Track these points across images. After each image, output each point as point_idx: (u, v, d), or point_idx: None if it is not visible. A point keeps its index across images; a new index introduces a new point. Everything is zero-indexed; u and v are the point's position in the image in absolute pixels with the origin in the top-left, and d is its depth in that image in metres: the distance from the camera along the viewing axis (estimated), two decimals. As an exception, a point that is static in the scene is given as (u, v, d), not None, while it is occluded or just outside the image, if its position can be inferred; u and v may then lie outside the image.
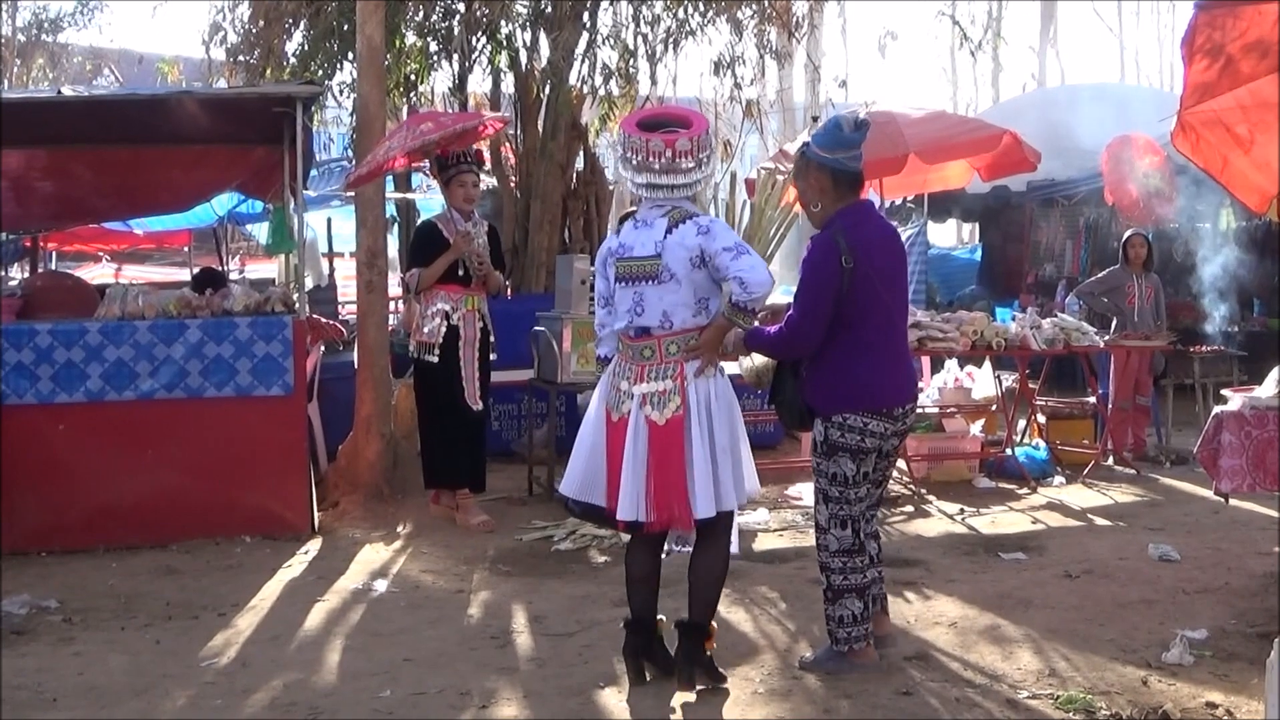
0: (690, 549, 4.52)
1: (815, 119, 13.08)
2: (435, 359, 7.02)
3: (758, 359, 4.80)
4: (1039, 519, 7.43)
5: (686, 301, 4.31)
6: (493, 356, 7.28)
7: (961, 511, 7.59)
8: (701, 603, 4.40)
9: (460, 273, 7.04)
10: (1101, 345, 9.01)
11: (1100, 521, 7.36)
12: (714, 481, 4.28)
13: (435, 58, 11.27)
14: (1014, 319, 9.25)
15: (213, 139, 8.41)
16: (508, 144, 10.64)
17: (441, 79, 11.54)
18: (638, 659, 4.45)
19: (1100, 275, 10.03)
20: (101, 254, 17.32)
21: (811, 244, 4.48)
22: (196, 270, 11.95)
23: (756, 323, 4.46)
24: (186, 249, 16.92)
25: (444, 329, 7.03)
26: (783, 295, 10.87)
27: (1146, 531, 6.96)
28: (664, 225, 4.30)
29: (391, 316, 10.26)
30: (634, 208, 4.64)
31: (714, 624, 4.45)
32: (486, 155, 7.63)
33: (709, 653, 4.41)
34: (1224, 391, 6.37)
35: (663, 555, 4.58)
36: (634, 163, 4.31)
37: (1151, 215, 10.58)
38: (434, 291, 7.08)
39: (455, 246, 7.01)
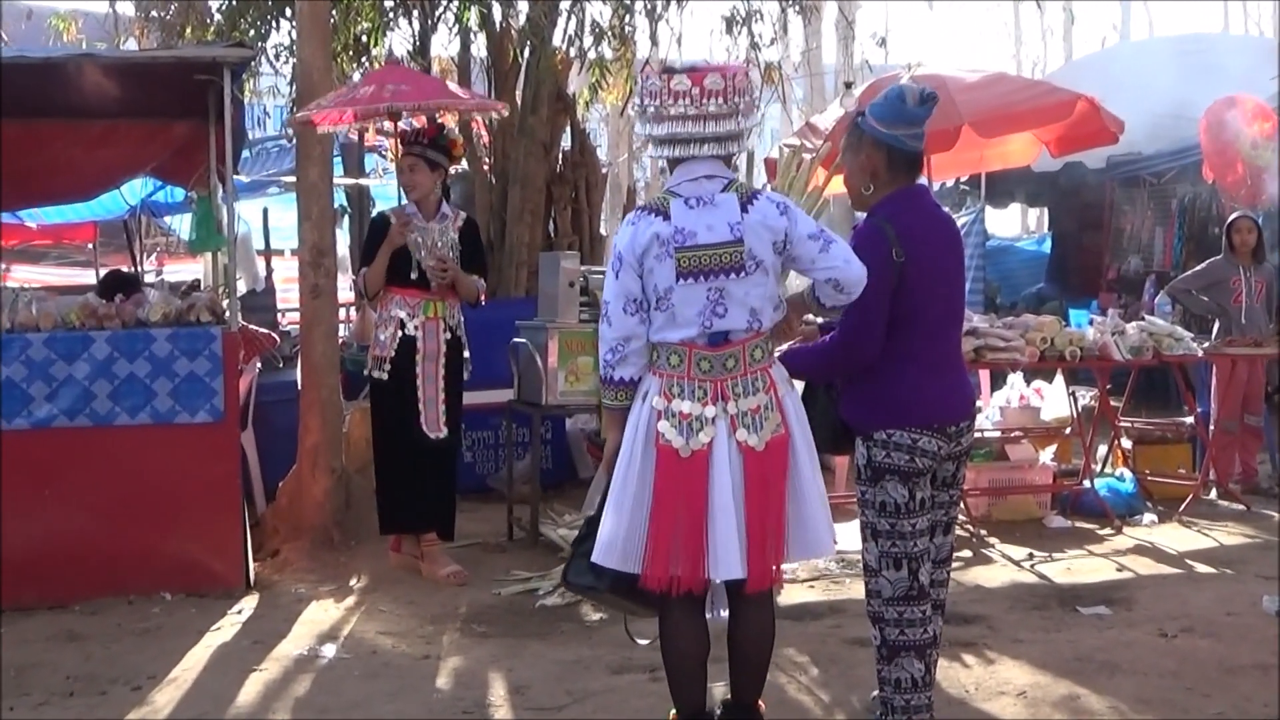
0: (725, 613, 4.39)
1: (849, 85, 13.12)
2: (384, 376, 7.03)
3: None
4: (1125, 565, 7.42)
5: (772, 295, 4.22)
6: (466, 374, 7.27)
7: (1030, 557, 7.59)
8: (753, 678, 4.37)
9: (413, 275, 7.03)
10: (1200, 354, 9.00)
11: (1201, 568, 7.36)
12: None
13: (391, 15, 11.31)
14: (1092, 323, 9.25)
15: (121, 112, 8.41)
16: (479, 119, 10.68)
17: (399, 41, 11.59)
18: None
19: (1198, 268, 10.03)
20: (-15, 252, 17.32)
21: (856, 235, 4.49)
22: (104, 272, 11.96)
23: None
24: (91, 246, 16.92)
25: (398, 340, 7.03)
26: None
27: (1259, 580, 6.95)
28: (735, 202, 4.16)
29: (342, 326, 10.28)
30: (649, 201, 4.50)
31: (762, 702, 4.43)
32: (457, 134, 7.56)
33: None
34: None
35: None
36: (651, 110, 4.15)
37: (1261, 194, 10.59)
38: (389, 296, 7.08)
39: (389, 239, 7.00)
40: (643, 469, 4.16)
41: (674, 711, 4.38)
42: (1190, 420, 9.57)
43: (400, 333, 7.03)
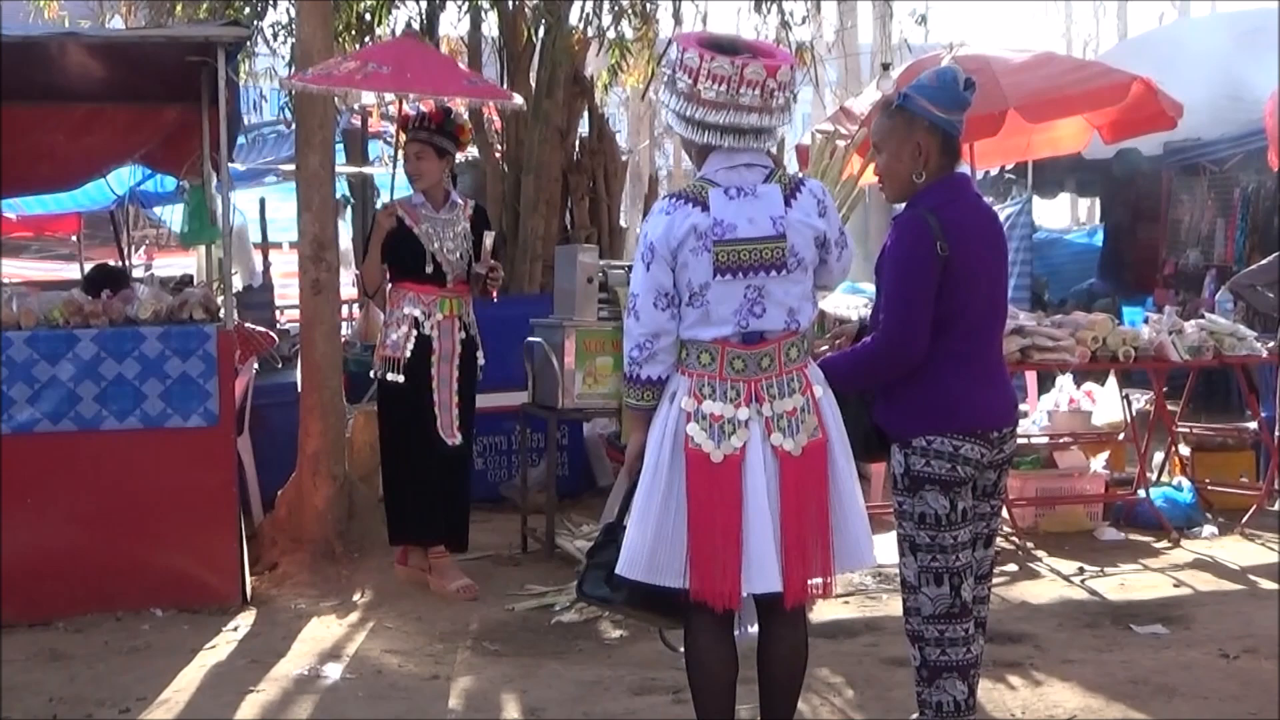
0: (754, 629, 4.39)
1: (886, 67, 13.12)
2: (401, 378, 7.04)
3: None
4: (1183, 581, 7.41)
5: (809, 293, 4.25)
6: (479, 376, 7.29)
7: (1081, 571, 7.59)
8: (784, 700, 4.36)
9: (429, 269, 7.05)
10: (1265, 354, 8.98)
11: (1265, 584, 7.34)
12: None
13: (397, -10, 11.35)
14: (1147, 321, 9.23)
15: (107, 96, 8.45)
16: (490, 104, 10.71)
17: (404, 18, 11.61)
18: None
19: (1263, 262, 9.99)
20: (-39, 245, 17.39)
21: (896, 227, 4.48)
22: (89, 267, 12.01)
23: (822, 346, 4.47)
24: (75, 238, 17.00)
25: (412, 340, 7.04)
26: (847, 294, 10.84)
27: (1327, 597, 6.94)
28: (778, 194, 4.16)
29: (345, 325, 10.30)
30: (682, 188, 4.46)
31: None
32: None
33: None
34: None
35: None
36: (709, 96, 4.08)
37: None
38: (401, 292, 7.09)
39: (377, 227, 7.04)
40: (671, 475, 4.13)
41: None
42: (1253, 425, 9.52)
43: (415, 332, 7.05)
